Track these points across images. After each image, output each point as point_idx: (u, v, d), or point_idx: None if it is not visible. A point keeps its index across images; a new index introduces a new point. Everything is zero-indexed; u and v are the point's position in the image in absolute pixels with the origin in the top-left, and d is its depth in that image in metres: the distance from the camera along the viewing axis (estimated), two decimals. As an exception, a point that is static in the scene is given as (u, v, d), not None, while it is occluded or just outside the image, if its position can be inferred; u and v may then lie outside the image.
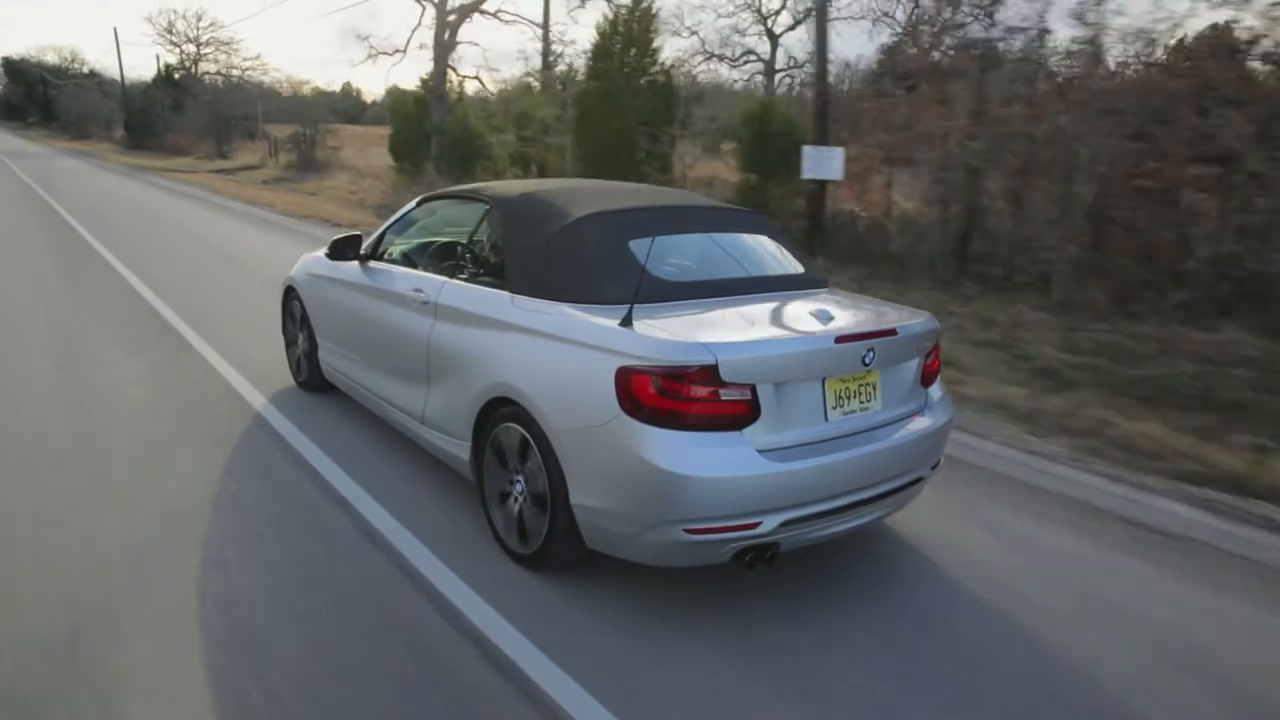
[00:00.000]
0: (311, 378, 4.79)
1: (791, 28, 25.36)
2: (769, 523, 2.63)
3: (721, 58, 25.46)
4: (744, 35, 32.60)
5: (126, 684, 2.37)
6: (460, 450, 3.33)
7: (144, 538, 3.19)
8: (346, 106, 52.04)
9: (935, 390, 3.26)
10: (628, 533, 2.68)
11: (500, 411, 3.07)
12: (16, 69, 77.66)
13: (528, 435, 2.92)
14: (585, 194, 3.54)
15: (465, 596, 2.83)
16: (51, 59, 73.65)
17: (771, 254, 3.57)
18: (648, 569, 2.83)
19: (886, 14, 21.47)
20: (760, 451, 2.62)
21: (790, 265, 3.53)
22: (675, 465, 2.53)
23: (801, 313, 3.00)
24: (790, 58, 25.50)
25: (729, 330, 2.77)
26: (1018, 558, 3.31)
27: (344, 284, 4.34)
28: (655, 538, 2.63)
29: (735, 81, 25.41)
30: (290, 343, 5.09)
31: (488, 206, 3.61)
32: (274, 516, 3.40)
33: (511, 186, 3.85)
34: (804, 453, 2.70)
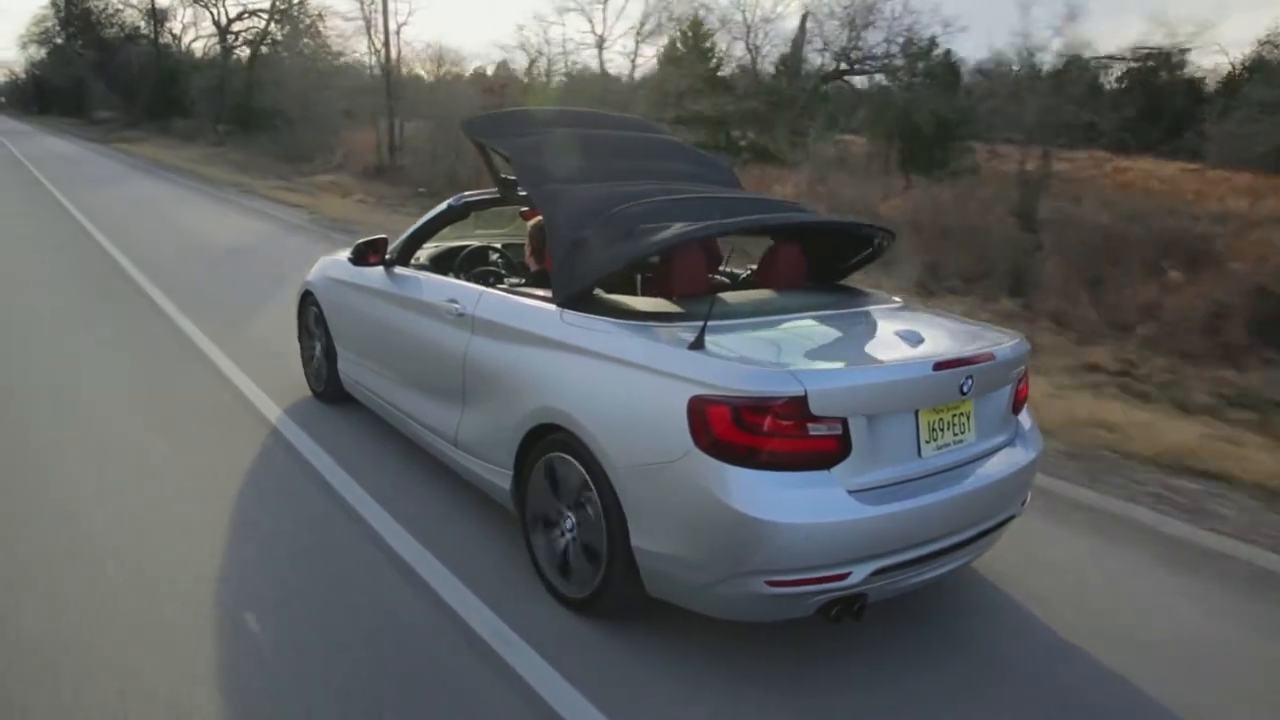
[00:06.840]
0: (330, 389, 4.49)
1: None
2: (860, 572, 2.33)
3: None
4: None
5: None
6: (499, 479, 3.02)
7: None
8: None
9: (1024, 418, 2.96)
10: (699, 583, 2.38)
11: (548, 439, 2.77)
12: (83, 19, 38.70)
13: (581, 467, 2.62)
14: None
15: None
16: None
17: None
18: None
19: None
20: (851, 493, 2.32)
21: None
22: (759, 509, 2.23)
23: (886, 333, 2.70)
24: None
25: (814, 355, 2.47)
26: None
27: (368, 291, 4.02)
28: (732, 589, 2.33)
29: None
30: (306, 352, 4.79)
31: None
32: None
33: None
34: (897, 493, 2.40)
